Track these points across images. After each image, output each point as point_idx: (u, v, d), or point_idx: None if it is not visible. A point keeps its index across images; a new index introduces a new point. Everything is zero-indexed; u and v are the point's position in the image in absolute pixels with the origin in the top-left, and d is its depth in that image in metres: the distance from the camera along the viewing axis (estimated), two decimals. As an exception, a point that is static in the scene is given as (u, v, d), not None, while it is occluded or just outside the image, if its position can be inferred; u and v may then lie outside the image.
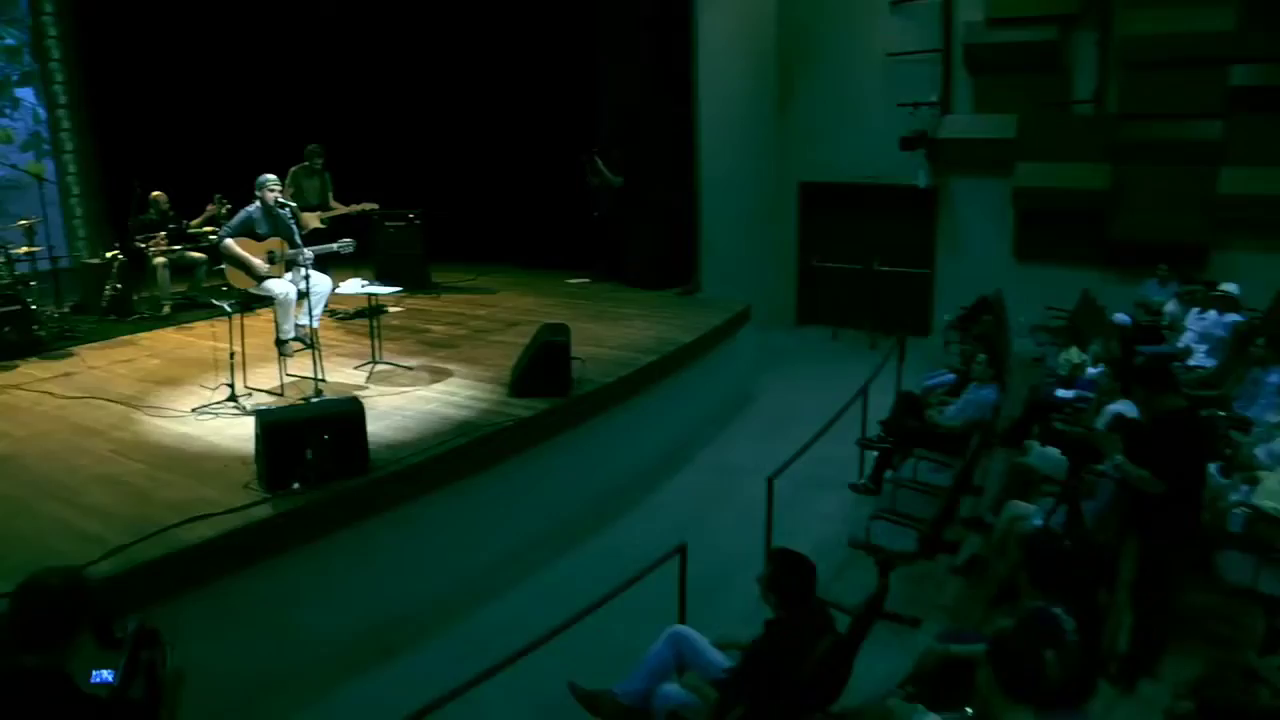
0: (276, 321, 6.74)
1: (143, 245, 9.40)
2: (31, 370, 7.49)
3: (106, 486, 5.11)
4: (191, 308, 9.66)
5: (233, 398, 6.38)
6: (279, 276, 6.75)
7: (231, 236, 6.62)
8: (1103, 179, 10.59)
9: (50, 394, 6.77)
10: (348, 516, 5.09)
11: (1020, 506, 5.40)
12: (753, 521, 5.71)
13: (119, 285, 9.23)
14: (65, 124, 11.32)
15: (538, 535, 6.21)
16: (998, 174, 11.23)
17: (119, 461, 5.49)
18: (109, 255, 9.44)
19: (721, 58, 10.70)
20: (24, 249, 8.51)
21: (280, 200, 6.69)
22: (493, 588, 5.67)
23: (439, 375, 7.22)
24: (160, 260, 9.44)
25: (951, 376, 8.03)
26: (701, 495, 7.19)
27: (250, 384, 6.78)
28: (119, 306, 9.26)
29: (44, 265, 9.21)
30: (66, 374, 7.34)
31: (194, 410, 6.31)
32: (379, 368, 7.31)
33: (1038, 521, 5.01)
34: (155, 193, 9.75)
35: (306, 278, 6.46)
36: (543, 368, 6.66)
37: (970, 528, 6.09)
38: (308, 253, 6.54)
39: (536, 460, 6.35)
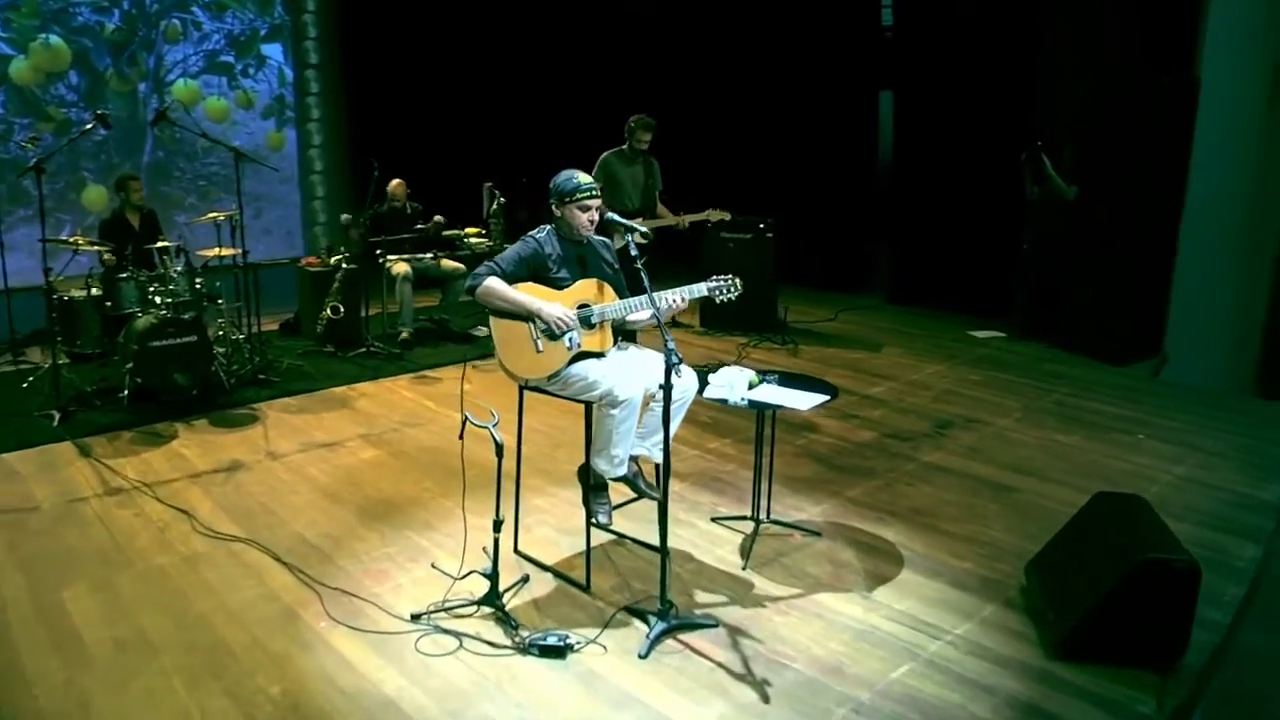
0: (592, 443, 3.40)
1: (378, 250, 6.60)
2: (185, 447, 4.71)
3: None
4: (440, 338, 6.97)
5: (492, 600, 3.17)
6: (600, 354, 3.40)
7: (501, 277, 3.33)
8: None
9: (191, 518, 3.87)
10: None
11: None
12: None
13: (341, 306, 6.48)
14: (314, 87, 9.28)
15: None
16: None
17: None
18: (333, 261, 6.73)
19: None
20: (214, 250, 5.80)
21: (614, 218, 3.34)
22: None
23: (877, 563, 3.63)
24: (401, 270, 6.65)
25: None
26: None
27: (523, 547, 3.63)
28: (339, 334, 6.54)
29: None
30: (230, 468, 4.46)
31: (412, 618, 3.13)
32: (765, 528, 3.90)
33: None
34: (393, 181, 6.94)
35: (669, 382, 2.92)
36: (1143, 614, 2.99)
37: None
38: (675, 297, 3.25)
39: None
